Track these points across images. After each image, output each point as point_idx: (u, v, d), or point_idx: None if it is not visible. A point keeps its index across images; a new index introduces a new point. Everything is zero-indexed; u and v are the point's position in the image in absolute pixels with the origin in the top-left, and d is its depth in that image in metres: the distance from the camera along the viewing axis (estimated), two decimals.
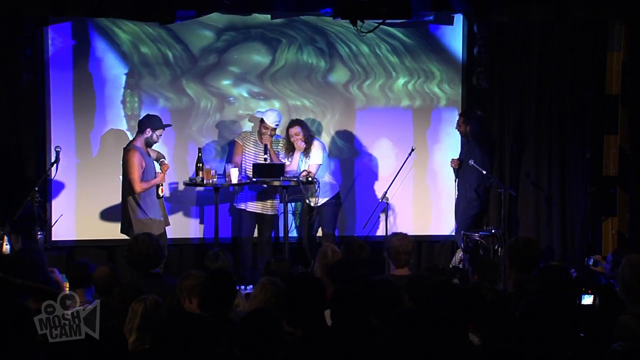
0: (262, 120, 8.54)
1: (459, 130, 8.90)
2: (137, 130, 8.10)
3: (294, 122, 8.61)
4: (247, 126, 9.03)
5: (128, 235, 7.80)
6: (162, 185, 8.04)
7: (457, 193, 8.96)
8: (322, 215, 8.67)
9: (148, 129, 7.96)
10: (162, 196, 8.08)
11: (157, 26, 8.75)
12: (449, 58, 9.24)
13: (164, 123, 8.13)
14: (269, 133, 8.49)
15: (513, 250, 5.91)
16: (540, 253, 6.10)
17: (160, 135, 8.06)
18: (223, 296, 4.92)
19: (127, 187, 7.90)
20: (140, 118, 8.19)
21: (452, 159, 8.94)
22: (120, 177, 8.08)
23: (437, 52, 9.23)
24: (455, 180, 8.97)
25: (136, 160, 7.80)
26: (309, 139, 8.56)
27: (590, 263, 6.72)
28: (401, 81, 9.21)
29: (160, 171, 8.08)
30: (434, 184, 9.33)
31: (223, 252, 6.36)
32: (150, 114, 8.23)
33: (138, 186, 7.82)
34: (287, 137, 8.63)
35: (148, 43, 8.92)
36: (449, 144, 9.25)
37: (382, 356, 3.98)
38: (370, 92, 9.20)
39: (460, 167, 8.86)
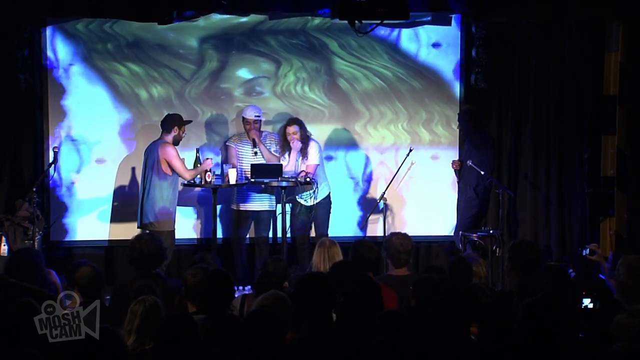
0: (243, 119, 8.56)
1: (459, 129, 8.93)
2: (162, 129, 8.14)
3: (292, 121, 8.61)
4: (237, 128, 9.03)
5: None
6: (209, 171, 8.09)
7: (459, 194, 8.96)
8: (316, 215, 8.65)
9: (175, 127, 8.08)
10: (211, 181, 8.11)
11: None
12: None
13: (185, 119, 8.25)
14: (252, 127, 8.49)
15: (515, 252, 5.92)
16: (542, 255, 6.10)
17: (184, 132, 8.21)
18: (221, 296, 4.92)
19: (156, 181, 7.98)
20: (163, 117, 8.23)
21: (453, 161, 8.92)
22: (140, 174, 8.19)
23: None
24: (458, 182, 8.95)
25: (175, 152, 8.01)
26: (305, 139, 8.55)
27: (586, 253, 6.68)
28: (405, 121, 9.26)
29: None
30: (432, 184, 9.32)
31: (210, 256, 6.37)
32: (172, 112, 8.31)
33: (187, 174, 8.03)
34: (284, 135, 8.62)
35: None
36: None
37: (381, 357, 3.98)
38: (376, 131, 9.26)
39: (461, 168, 8.85)
